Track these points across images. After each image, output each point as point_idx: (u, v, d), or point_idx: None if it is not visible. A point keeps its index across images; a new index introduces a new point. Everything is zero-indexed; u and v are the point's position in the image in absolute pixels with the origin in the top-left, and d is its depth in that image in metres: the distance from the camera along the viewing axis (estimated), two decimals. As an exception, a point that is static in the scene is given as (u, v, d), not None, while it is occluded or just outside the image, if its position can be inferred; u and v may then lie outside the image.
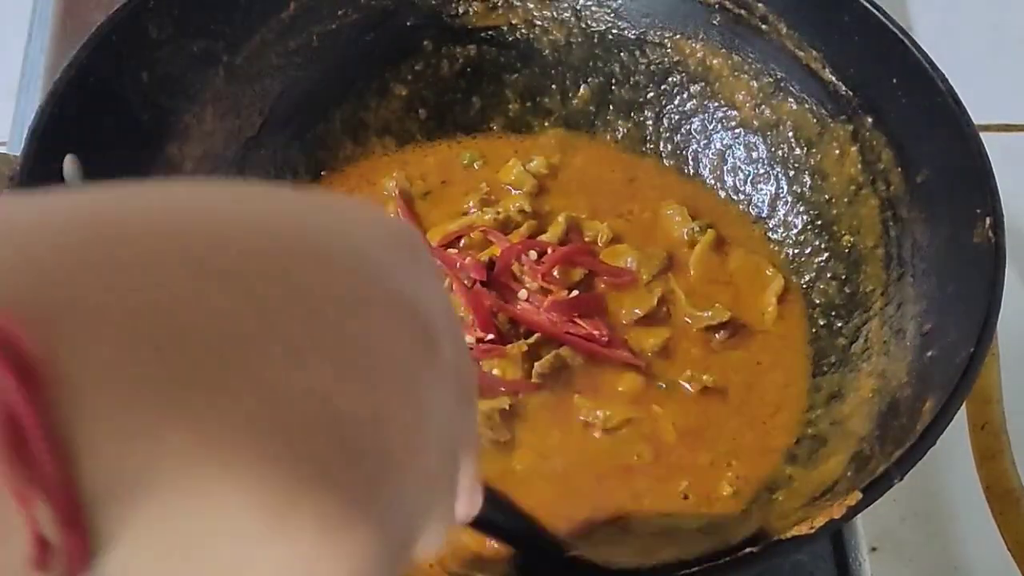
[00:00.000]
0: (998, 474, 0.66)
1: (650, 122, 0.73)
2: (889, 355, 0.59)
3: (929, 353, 0.56)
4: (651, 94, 0.73)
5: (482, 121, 0.75)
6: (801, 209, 0.69)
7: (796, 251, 0.68)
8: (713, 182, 0.72)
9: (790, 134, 0.69)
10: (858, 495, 0.48)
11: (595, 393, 0.62)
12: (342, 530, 0.22)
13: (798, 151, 0.69)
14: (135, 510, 0.20)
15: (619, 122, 0.74)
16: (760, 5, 0.68)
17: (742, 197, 0.71)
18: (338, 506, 0.22)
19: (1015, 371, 0.70)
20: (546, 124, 0.75)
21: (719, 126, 0.72)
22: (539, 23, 0.74)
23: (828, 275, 0.66)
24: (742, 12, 0.69)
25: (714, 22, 0.70)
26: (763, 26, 0.69)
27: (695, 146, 0.72)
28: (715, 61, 0.71)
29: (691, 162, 0.73)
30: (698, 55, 0.72)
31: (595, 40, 0.73)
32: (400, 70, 0.73)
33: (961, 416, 0.67)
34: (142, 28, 0.62)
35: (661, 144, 0.73)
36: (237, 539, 0.21)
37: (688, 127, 0.73)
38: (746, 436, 0.61)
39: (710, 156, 0.72)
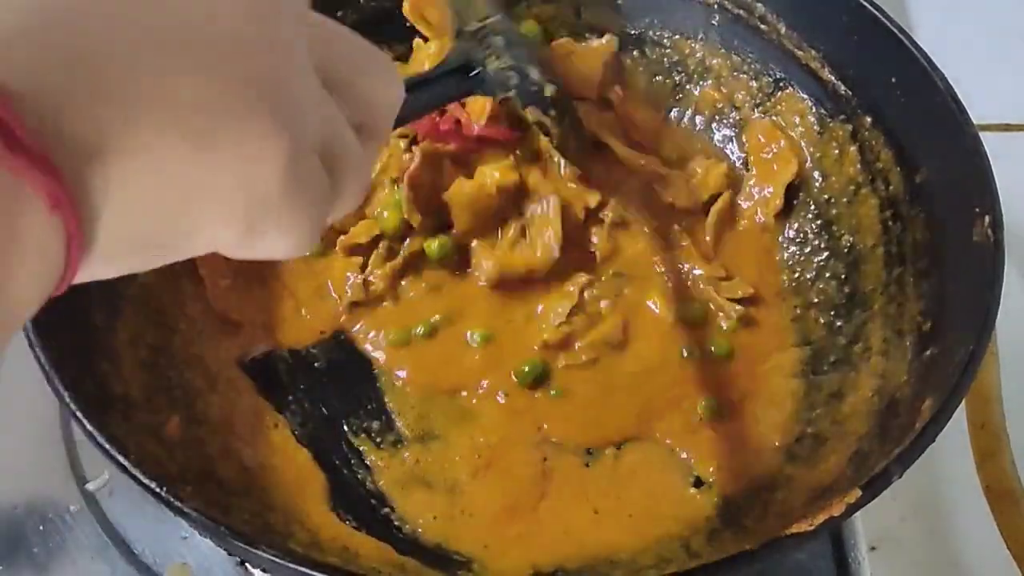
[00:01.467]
0: (998, 474, 0.66)
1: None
2: (889, 354, 0.59)
3: (928, 352, 0.56)
4: (651, 94, 0.73)
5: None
6: (801, 209, 0.69)
7: (796, 250, 0.68)
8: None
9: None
10: (857, 493, 0.48)
11: None
12: (257, 136, 0.29)
13: (798, 151, 0.69)
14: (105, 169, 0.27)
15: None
16: (760, 5, 0.69)
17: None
18: (245, 117, 0.29)
19: (1015, 371, 0.70)
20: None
21: (719, 125, 0.72)
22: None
23: (828, 274, 0.66)
24: (742, 12, 0.69)
25: (714, 22, 0.71)
26: (763, 26, 0.69)
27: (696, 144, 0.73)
28: (715, 61, 0.71)
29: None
30: (698, 55, 0.72)
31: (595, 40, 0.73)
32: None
33: (961, 415, 0.67)
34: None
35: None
36: (182, 172, 0.28)
37: (689, 126, 0.73)
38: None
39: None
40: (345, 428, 0.62)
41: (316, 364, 0.65)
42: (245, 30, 0.29)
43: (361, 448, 0.61)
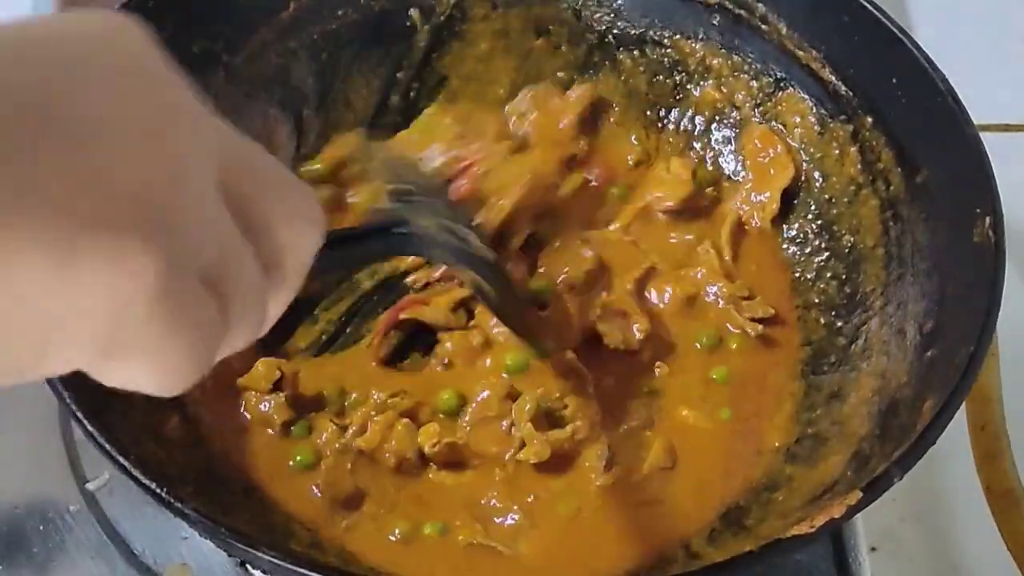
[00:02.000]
0: (998, 474, 0.66)
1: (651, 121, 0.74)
2: (889, 355, 0.59)
3: (929, 353, 0.56)
4: (651, 94, 0.73)
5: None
6: (801, 209, 0.69)
7: (796, 250, 0.68)
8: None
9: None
10: (858, 494, 0.48)
11: None
12: (126, 251, 0.25)
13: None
14: None
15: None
16: (760, 5, 0.68)
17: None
18: (113, 237, 0.25)
19: (1015, 371, 0.70)
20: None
21: (719, 126, 0.72)
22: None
23: (828, 275, 0.66)
24: (742, 12, 0.69)
25: (714, 22, 0.70)
26: (763, 26, 0.69)
27: (697, 145, 0.72)
28: (715, 61, 0.71)
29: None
30: (698, 55, 0.72)
31: (595, 40, 0.73)
32: (400, 70, 0.73)
33: (961, 416, 0.67)
34: (142, 28, 0.61)
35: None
36: (34, 290, 0.24)
37: (689, 127, 0.73)
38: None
39: (709, 156, 0.72)
40: (345, 428, 0.62)
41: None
42: (131, 133, 0.26)
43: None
